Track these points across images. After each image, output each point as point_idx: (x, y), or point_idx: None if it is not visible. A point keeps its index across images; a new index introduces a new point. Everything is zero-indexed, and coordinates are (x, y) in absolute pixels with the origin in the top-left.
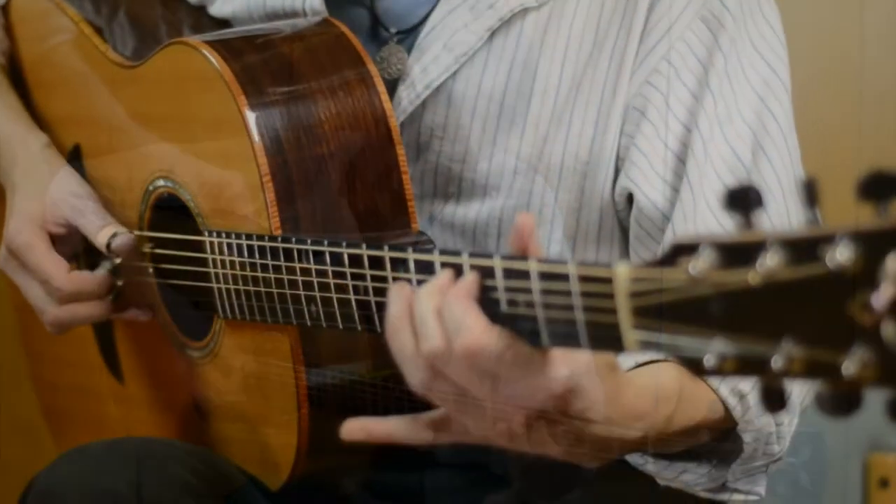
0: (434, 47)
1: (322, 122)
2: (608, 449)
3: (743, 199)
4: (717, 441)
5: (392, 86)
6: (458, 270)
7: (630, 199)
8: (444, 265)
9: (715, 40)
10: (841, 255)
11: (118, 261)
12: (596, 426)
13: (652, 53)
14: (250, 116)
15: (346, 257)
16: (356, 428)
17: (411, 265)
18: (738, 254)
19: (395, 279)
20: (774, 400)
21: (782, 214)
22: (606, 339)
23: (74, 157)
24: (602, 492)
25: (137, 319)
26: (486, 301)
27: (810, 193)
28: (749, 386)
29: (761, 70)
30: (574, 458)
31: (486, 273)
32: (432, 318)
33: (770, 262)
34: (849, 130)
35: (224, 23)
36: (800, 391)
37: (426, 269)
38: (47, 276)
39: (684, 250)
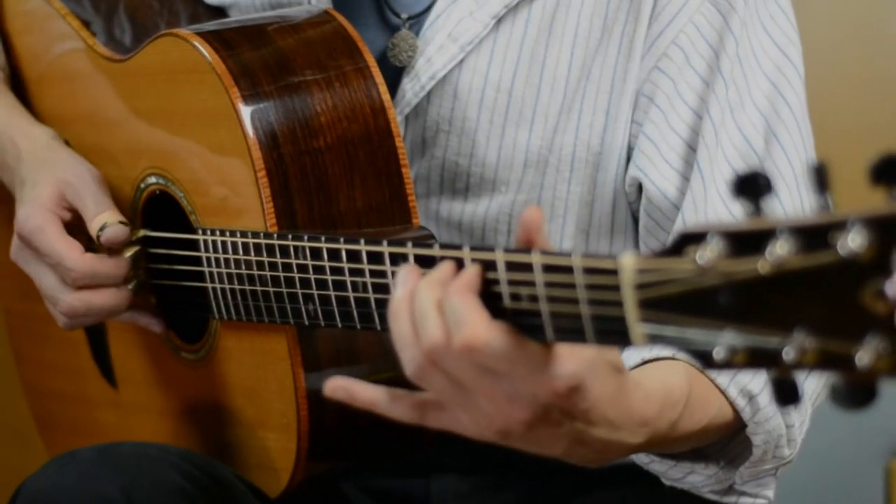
0: (438, 37)
1: (318, 114)
2: (609, 451)
3: (752, 186)
4: (726, 442)
5: (400, 74)
6: (459, 263)
7: (640, 188)
8: (443, 258)
9: (726, 24)
10: (853, 241)
11: (135, 249)
12: (599, 428)
13: (661, 37)
14: (244, 110)
15: (343, 254)
16: (339, 387)
17: (411, 260)
18: (746, 242)
19: (395, 275)
20: (787, 393)
21: (796, 203)
22: (612, 332)
23: None
24: (608, 492)
25: (149, 328)
26: (489, 295)
27: (821, 178)
28: (759, 386)
29: (773, 55)
30: (574, 459)
31: (489, 266)
32: (433, 311)
33: (780, 250)
34: (860, 112)
35: (222, 12)
36: (811, 393)
37: (427, 264)
38: (60, 258)
39: (691, 239)
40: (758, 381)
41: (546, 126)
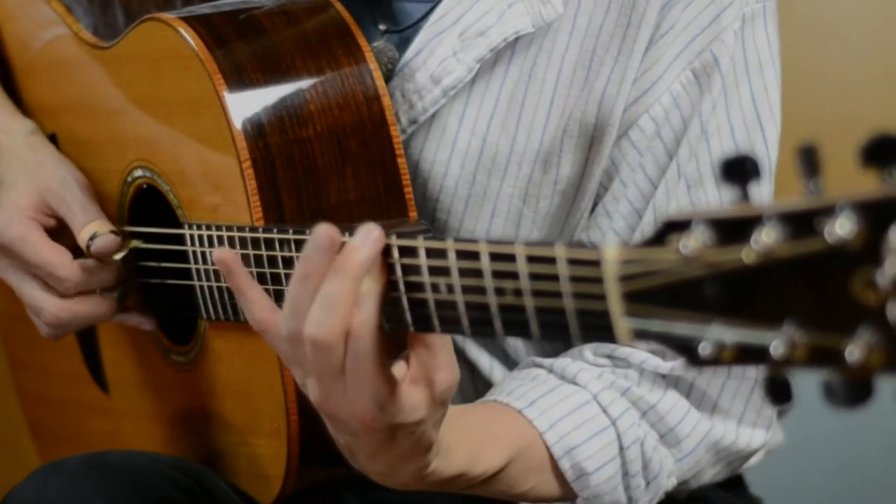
0: (419, 76)
1: (307, 102)
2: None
3: (739, 170)
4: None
5: None
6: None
7: None
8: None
9: (700, 97)
10: (841, 227)
11: (123, 252)
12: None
13: (637, 103)
14: (228, 98)
15: None
16: (223, 259)
17: (395, 252)
18: (731, 230)
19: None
20: (780, 391)
21: None
22: (597, 328)
23: None
24: None
25: (140, 326)
26: (473, 289)
27: (810, 161)
28: (594, 466)
29: (747, 131)
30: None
31: (471, 256)
32: (341, 306)
33: (766, 238)
34: (888, 106)
35: None
36: (680, 470)
37: (410, 254)
38: (51, 267)
39: (675, 227)
40: (593, 461)
41: (519, 175)
